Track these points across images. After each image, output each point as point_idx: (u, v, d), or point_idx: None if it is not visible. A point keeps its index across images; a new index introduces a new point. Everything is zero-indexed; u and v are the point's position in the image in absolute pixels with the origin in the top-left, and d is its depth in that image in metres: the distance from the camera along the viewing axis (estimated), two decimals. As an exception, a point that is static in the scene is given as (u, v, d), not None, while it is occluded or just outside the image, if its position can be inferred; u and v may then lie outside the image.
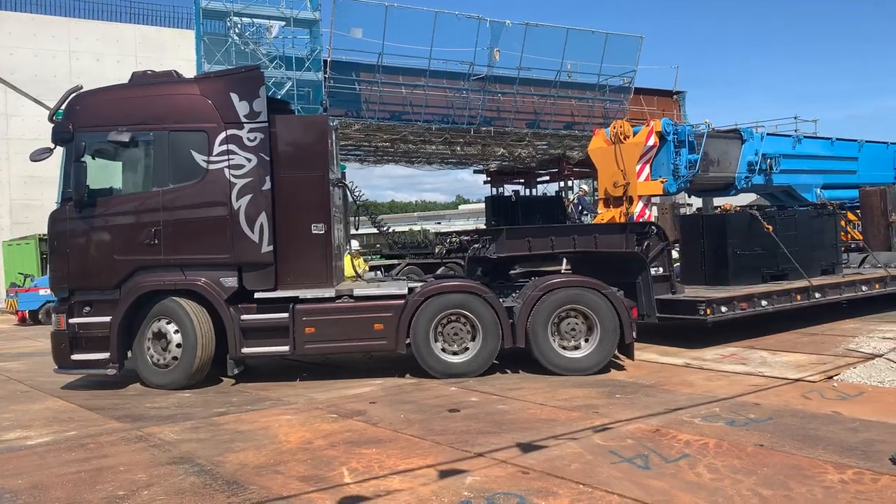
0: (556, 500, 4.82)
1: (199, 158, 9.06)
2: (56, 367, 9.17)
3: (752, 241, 12.64)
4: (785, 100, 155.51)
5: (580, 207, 22.72)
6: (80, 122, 9.07)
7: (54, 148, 9.23)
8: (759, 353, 10.10)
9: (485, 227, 25.71)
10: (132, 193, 9.24)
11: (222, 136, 9.08)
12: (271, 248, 9.10)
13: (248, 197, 9.07)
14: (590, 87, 26.97)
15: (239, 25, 24.43)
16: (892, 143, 20.37)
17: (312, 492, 5.16)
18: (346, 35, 22.82)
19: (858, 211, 17.40)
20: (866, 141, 19.44)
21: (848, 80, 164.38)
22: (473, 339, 9.29)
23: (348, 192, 10.94)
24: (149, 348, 9.05)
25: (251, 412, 7.73)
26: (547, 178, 33.70)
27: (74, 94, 9.35)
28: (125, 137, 8.97)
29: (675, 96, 30.36)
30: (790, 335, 11.52)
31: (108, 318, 8.91)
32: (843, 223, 16.35)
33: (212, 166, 9.06)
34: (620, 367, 9.49)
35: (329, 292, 9.27)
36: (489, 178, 34.32)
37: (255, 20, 24.80)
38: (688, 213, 30.02)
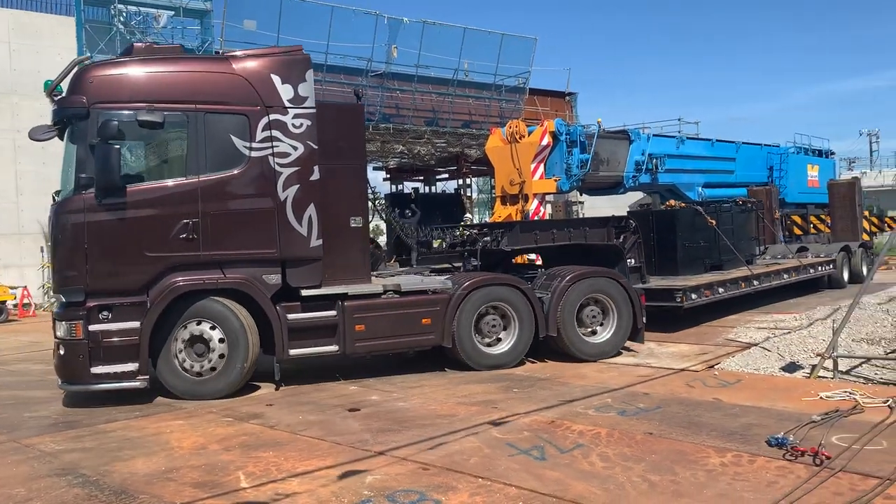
0: (456, 494, 4.87)
1: (241, 144, 8.22)
2: (63, 381, 7.98)
3: (697, 235, 13.61)
4: (670, 101, 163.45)
5: None
6: (97, 98, 7.85)
7: (58, 126, 8.12)
8: (646, 345, 10.55)
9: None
10: (165, 182, 8.15)
11: (265, 121, 8.29)
12: (321, 241, 8.51)
13: (295, 187, 8.38)
14: (486, 87, 27.36)
15: (124, 13, 23.32)
16: (765, 145, 21.78)
17: (207, 498, 5.00)
18: (238, 27, 22.16)
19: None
20: (743, 142, 20.71)
21: (728, 84, 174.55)
22: (504, 330, 9.39)
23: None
24: (180, 355, 8.07)
25: (141, 418, 7.41)
26: (446, 175, 33.95)
27: (83, 66, 8.14)
28: (157, 118, 7.85)
29: (567, 97, 31.25)
30: (675, 327, 12.07)
31: (136, 324, 7.85)
32: None
33: (254, 153, 8.27)
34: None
35: (377, 288, 8.92)
36: (389, 176, 34.26)
37: (141, 8, 23.73)
38: (580, 211, 31.02)
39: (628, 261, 10.87)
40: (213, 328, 8.10)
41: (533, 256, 12.77)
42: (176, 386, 8.12)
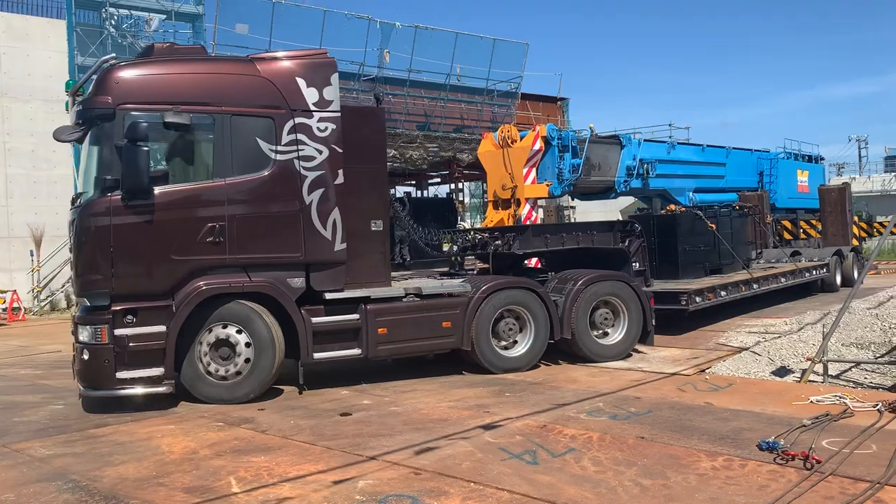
0: (448, 499, 4.87)
1: (266, 147, 8.22)
2: (85, 387, 7.76)
3: (697, 239, 13.95)
4: (662, 107, 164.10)
5: None
6: (124, 98, 7.75)
7: (83, 127, 7.95)
8: (638, 349, 10.57)
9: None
10: (192, 184, 8.07)
11: (290, 124, 8.30)
12: (344, 245, 8.54)
13: (320, 191, 8.40)
14: (478, 92, 27.40)
15: (115, 17, 23.26)
16: (755, 150, 21.87)
17: (198, 503, 4.98)
18: (231, 31, 22.14)
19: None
20: (733, 148, 20.79)
21: (719, 90, 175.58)
22: (520, 333, 9.53)
23: None
24: (205, 359, 7.99)
25: (131, 423, 7.37)
26: (438, 180, 33.94)
27: (109, 66, 7.98)
28: (184, 119, 7.79)
29: (559, 102, 31.31)
30: (666, 331, 12.09)
31: (162, 328, 7.73)
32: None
33: (280, 157, 8.26)
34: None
35: (399, 291, 8.97)
36: (380, 180, 34.23)
37: (133, 12, 23.68)
38: (572, 215, 31.07)
39: (633, 264, 11.11)
40: (239, 332, 8.06)
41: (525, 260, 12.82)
42: (201, 390, 8.04)
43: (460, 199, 31.75)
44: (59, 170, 23.10)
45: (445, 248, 11.89)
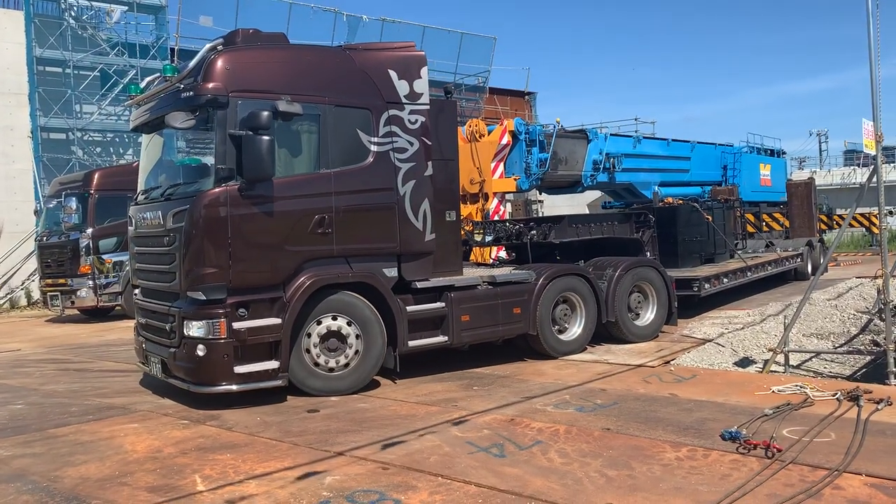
0: (415, 493, 4.87)
1: (365, 139, 8.25)
2: (197, 384, 7.60)
3: (694, 230, 14.65)
4: (627, 101, 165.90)
5: None
6: (237, 86, 7.53)
7: (197, 114, 7.60)
8: (604, 342, 10.68)
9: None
10: (305, 174, 8.02)
11: (385, 116, 8.38)
12: (434, 236, 8.68)
13: (412, 183, 8.51)
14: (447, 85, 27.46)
15: (75, 8, 22.80)
16: (719, 145, 22.16)
17: (162, 502, 4.92)
18: (194, 23, 21.90)
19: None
20: (698, 142, 21.04)
21: (683, 85, 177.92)
22: (570, 318, 9.96)
23: None
24: (315, 350, 7.91)
25: (93, 422, 7.25)
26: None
27: (219, 52, 7.69)
28: (297, 109, 7.66)
29: (526, 97, 31.48)
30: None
31: (277, 320, 7.61)
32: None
33: (377, 148, 8.32)
34: (480, 365, 9.72)
35: (476, 279, 9.20)
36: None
37: (93, 3, 23.24)
38: (540, 209, 31.21)
39: (646, 253, 11.69)
40: (348, 323, 8.07)
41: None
42: (307, 383, 7.95)
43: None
44: (17, 165, 22.61)
45: (478, 238, 12.20)
